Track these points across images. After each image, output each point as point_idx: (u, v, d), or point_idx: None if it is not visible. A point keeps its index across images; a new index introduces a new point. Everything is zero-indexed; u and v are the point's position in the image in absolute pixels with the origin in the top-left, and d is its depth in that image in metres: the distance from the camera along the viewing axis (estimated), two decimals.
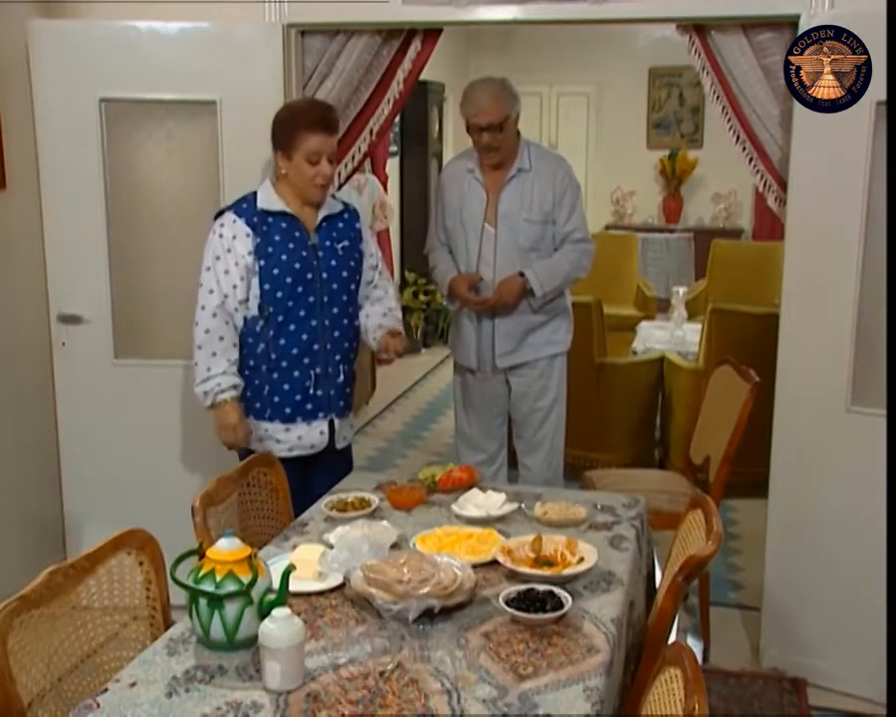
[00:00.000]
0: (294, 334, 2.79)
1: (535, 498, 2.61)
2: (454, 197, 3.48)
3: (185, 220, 3.54)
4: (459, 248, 3.49)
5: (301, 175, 2.78)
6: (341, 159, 3.52)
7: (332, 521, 2.48)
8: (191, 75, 3.38)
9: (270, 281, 2.76)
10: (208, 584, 1.78)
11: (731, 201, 9.40)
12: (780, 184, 3.25)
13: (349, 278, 2.88)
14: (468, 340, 3.54)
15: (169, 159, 3.55)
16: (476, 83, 3.39)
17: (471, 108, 3.33)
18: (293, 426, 2.86)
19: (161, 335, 3.66)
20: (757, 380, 3.19)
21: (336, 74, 3.43)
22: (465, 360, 3.57)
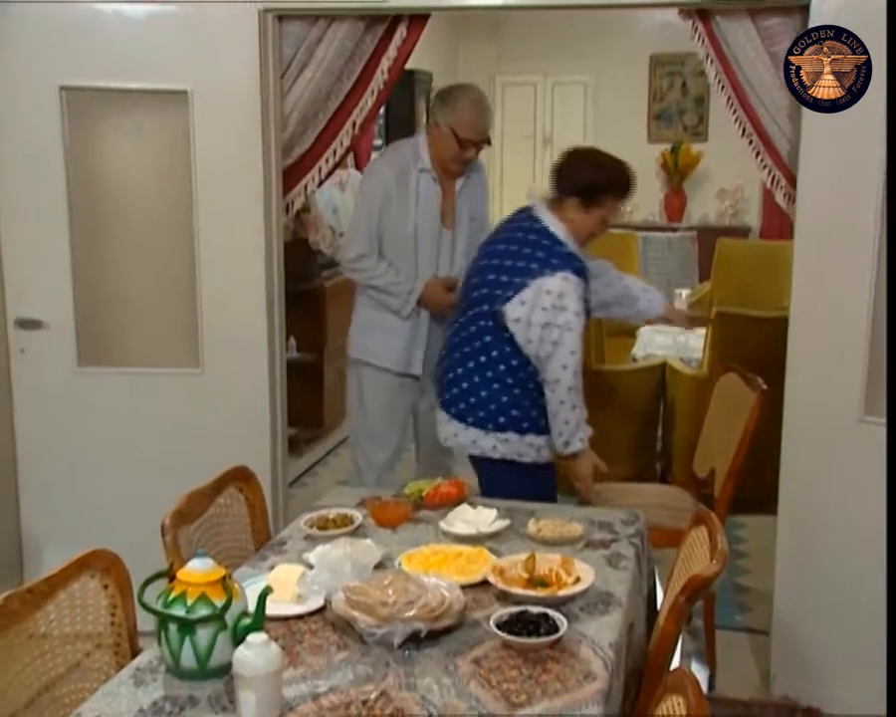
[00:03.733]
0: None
1: (528, 514, 2.62)
2: (403, 198, 3.46)
3: (155, 218, 3.54)
4: (406, 254, 3.50)
5: (590, 231, 3.02)
6: (322, 154, 3.53)
7: (311, 539, 2.48)
8: (160, 62, 3.38)
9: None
10: (179, 608, 1.78)
11: (737, 198, 9.44)
12: (788, 179, 3.27)
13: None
14: (396, 342, 3.56)
15: (137, 153, 3.54)
16: (469, 96, 3.44)
17: (470, 127, 3.42)
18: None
19: (129, 340, 3.66)
20: (764, 388, 3.20)
21: (315, 62, 3.43)
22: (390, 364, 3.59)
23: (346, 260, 3.57)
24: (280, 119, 3.45)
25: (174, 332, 3.63)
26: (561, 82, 9.88)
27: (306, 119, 3.50)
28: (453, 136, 3.43)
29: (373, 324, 3.59)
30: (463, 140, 3.43)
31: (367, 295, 3.60)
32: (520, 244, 2.98)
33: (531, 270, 2.90)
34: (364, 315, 3.63)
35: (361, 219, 3.51)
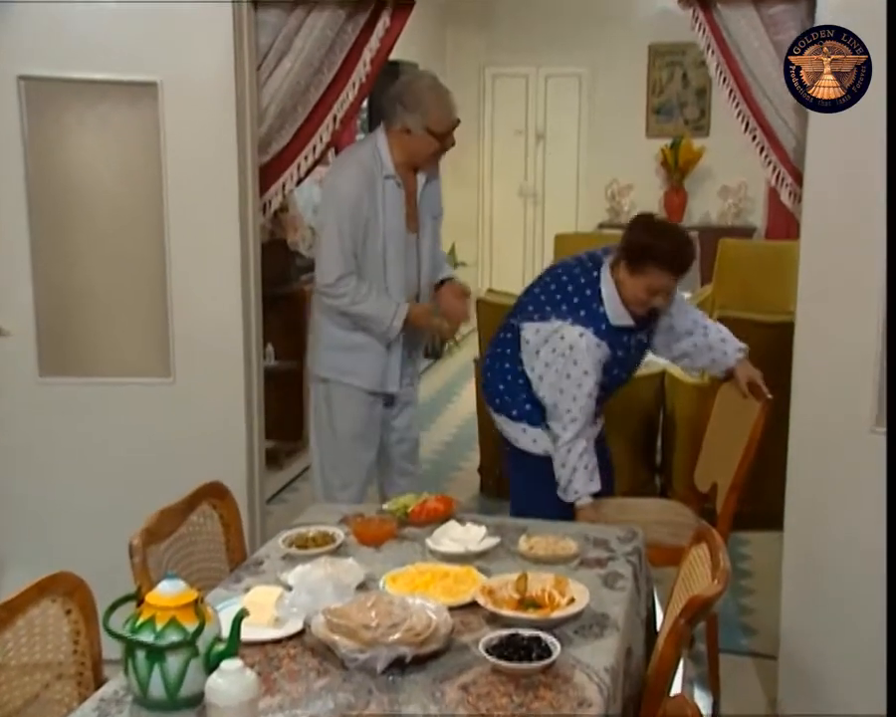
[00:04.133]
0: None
1: (519, 531, 2.63)
2: (373, 209, 3.47)
3: (122, 217, 3.53)
4: (375, 266, 3.51)
5: (636, 296, 3.15)
6: (301, 150, 3.53)
7: (290, 559, 2.47)
8: (127, 52, 3.37)
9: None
10: (147, 633, 1.78)
11: (741, 196, 9.47)
12: (794, 177, 3.29)
13: (645, 357, 3.44)
14: (369, 359, 3.58)
15: (103, 149, 3.53)
16: (430, 89, 3.48)
17: (444, 119, 3.45)
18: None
19: (94, 348, 3.65)
20: (768, 398, 3.21)
21: (294, 53, 3.43)
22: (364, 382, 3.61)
23: (325, 286, 3.50)
24: (256, 114, 3.45)
25: (143, 339, 3.62)
26: (555, 74, 9.90)
27: (284, 114, 3.51)
28: (431, 136, 3.45)
29: (340, 342, 3.60)
30: (441, 135, 3.47)
31: (328, 310, 3.58)
32: (572, 282, 3.23)
33: (561, 310, 3.18)
34: (329, 331, 3.62)
35: (334, 239, 3.45)
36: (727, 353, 3.38)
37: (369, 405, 3.66)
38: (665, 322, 3.36)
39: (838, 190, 3.06)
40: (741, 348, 3.39)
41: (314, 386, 3.74)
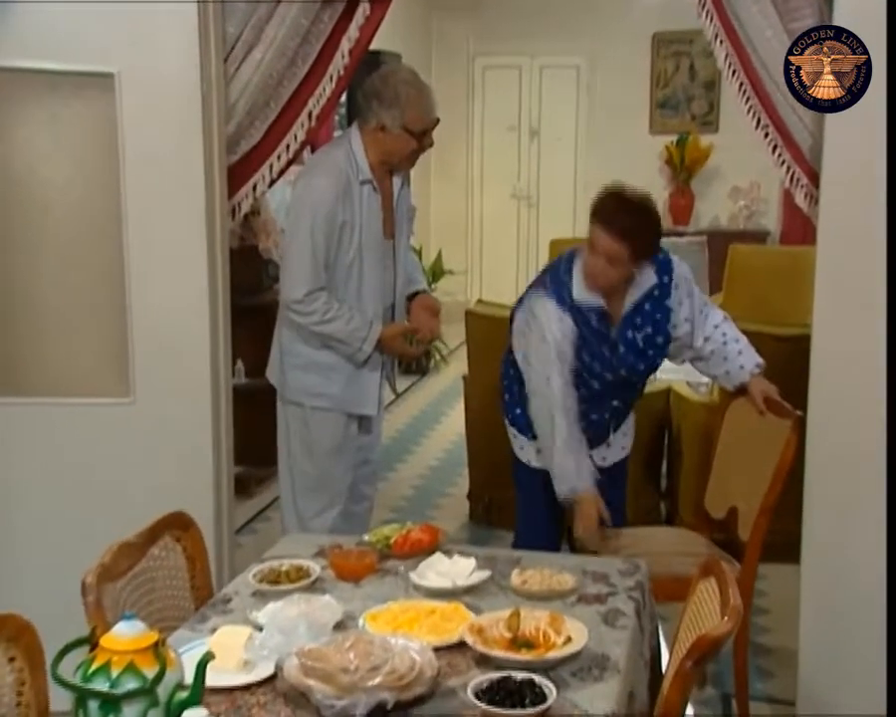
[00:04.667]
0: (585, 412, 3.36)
1: (512, 564, 2.62)
2: (349, 217, 3.48)
3: (76, 222, 3.52)
4: (348, 278, 3.52)
5: (586, 264, 3.28)
6: (273, 149, 3.54)
7: (261, 596, 2.47)
8: (80, 39, 3.36)
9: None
10: (101, 681, 1.76)
11: (753, 197, 9.52)
12: (810, 178, 3.31)
13: (650, 366, 3.45)
14: (340, 380, 3.60)
15: (54, 146, 3.51)
16: (409, 83, 3.49)
17: (423, 117, 3.49)
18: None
19: (44, 365, 3.63)
20: (798, 415, 3.22)
21: (265, 43, 3.44)
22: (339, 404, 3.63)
23: (292, 301, 3.48)
24: (224, 109, 3.46)
25: (100, 355, 3.60)
26: (550, 64, 9.95)
27: (254, 109, 3.51)
28: (409, 135, 3.47)
29: (309, 361, 3.61)
30: (420, 135, 3.49)
31: (297, 327, 3.58)
32: (555, 261, 3.46)
33: (536, 284, 3.41)
34: (296, 350, 3.62)
35: (305, 251, 3.45)
36: (743, 366, 3.40)
37: (345, 424, 3.68)
38: (684, 328, 3.41)
39: (858, 192, 3.08)
40: (758, 363, 3.40)
41: (282, 409, 3.73)
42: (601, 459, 3.52)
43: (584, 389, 3.37)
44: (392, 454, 6.52)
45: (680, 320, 3.40)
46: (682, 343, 3.44)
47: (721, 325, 3.44)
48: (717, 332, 3.43)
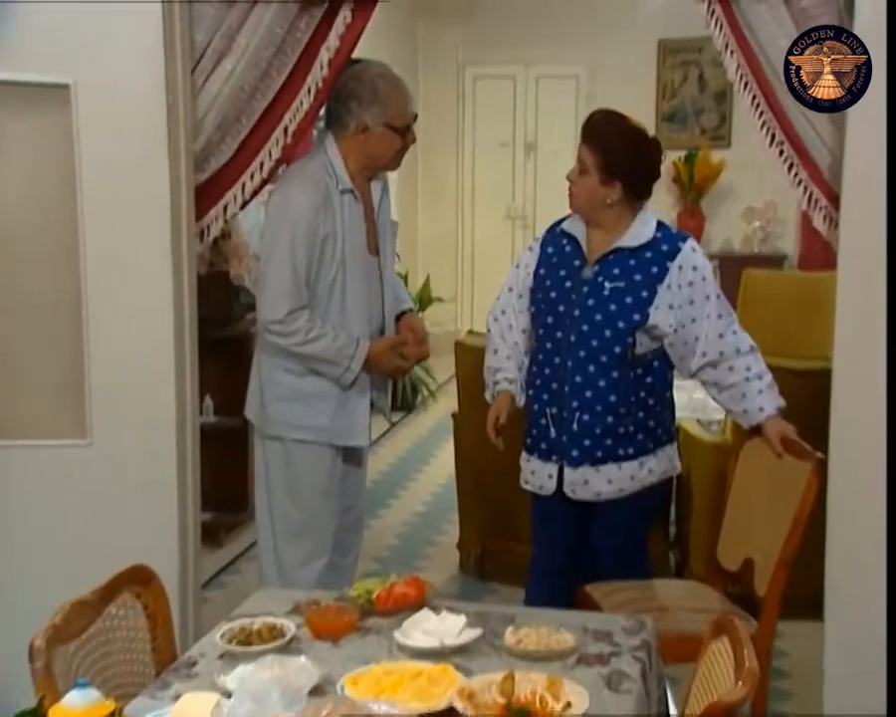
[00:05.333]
0: (540, 365, 3.52)
1: (506, 621, 2.61)
2: (330, 230, 3.51)
3: (28, 247, 3.51)
4: (329, 298, 3.54)
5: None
6: (245, 168, 3.55)
7: (230, 658, 2.46)
8: (34, 47, 3.37)
9: (535, 303, 3.56)
10: None
11: (769, 218, 9.54)
12: (829, 199, 3.34)
13: (608, 322, 3.40)
14: (328, 408, 3.62)
15: (4, 163, 3.52)
16: (384, 77, 3.58)
17: (403, 111, 3.57)
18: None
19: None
20: (819, 457, 3.23)
21: (236, 53, 3.46)
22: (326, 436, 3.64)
23: (273, 322, 3.51)
24: (191, 124, 3.47)
25: (53, 392, 3.59)
26: (547, 74, 9.99)
27: (225, 124, 3.53)
28: (392, 132, 3.54)
29: (293, 391, 3.61)
30: (403, 130, 3.57)
31: (279, 354, 3.59)
32: None
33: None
34: (278, 379, 3.63)
35: (284, 267, 3.48)
36: (762, 409, 3.38)
37: (332, 459, 3.67)
38: (667, 319, 3.40)
39: (881, 214, 3.10)
40: (779, 406, 3.39)
41: (261, 446, 3.73)
42: (579, 481, 3.49)
43: (548, 343, 3.50)
44: (375, 499, 6.50)
45: (665, 304, 3.39)
46: (674, 342, 3.43)
47: (747, 355, 3.42)
48: (741, 361, 3.41)
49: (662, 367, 3.50)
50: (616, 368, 3.41)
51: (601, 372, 3.42)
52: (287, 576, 3.65)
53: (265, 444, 3.71)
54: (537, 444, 3.57)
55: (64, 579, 3.16)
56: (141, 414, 3.51)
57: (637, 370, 3.44)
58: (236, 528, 5.70)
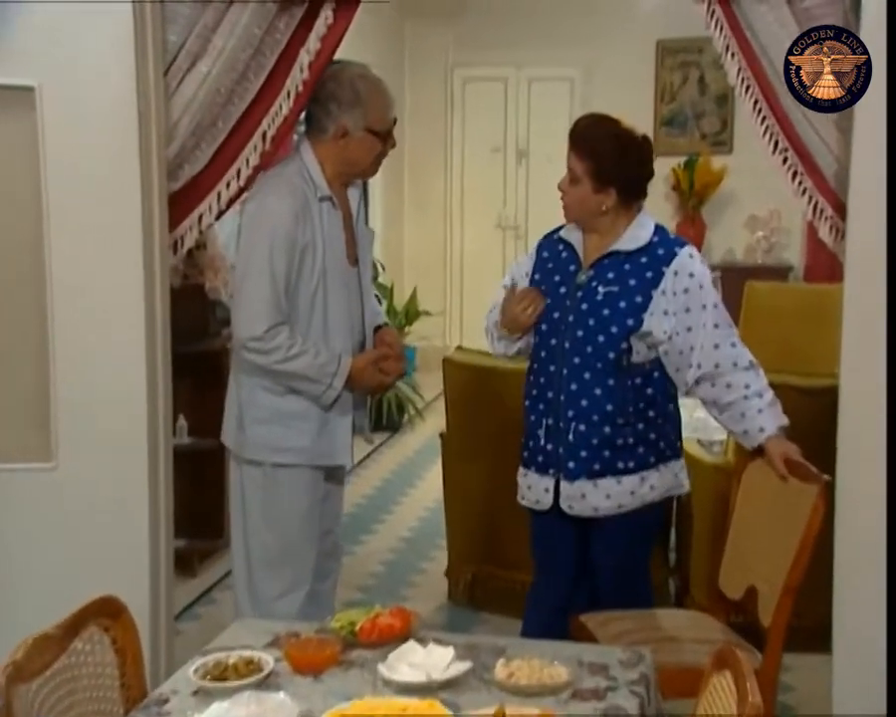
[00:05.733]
0: (536, 374, 3.59)
1: (496, 653, 2.61)
2: (310, 240, 3.49)
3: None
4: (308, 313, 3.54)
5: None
6: (221, 176, 3.55)
7: (204, 694, 2.45)
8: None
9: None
10: None
11: (773, 227, 9.56)
12: (836, 209, 3.35)
13: (601, 327, 3.44)
14: (310, 428, 3.61)
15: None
16: (364, 79, 3.57)
17: (385, 115, 3.58)
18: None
19: None
20: (825, 480, 3.23)
21: (212, 54, 3.47)
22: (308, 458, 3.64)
23: (251, 339, 3.47)
24: (164, 129, 3.47)
25: (16, 412, 3.59)
26: (540, 76, 10.02)
27: (200, 130, 3.53)
28: (373, 136, 3.54)
29: (273, 412, 3.59)
30: (384, 135, 3.57)
31: (257, 373, 3.57)
32: None
33: None
34: (257, 400, 3.61)
35: (263, 280, 3.45)
36: (763, 429, 3.38)
37: (314, 485, 3.67)
38: (661, 326, 3.42)
39: (889, 224, 3.10)
40: (781, 425, 3.40)
41: (237, 471, 3.71)
42: (576, 495, 3.51)
43: (543, 351, 3.55)
44: (359, 524, 6.49)
45: (659, 310, 3.41)
46: (669, 350, 3.44)
47: (746, 371, 3.42)
48: (739, 377, 3.41)
49: (663, 378, 3.51)
50: (612, 376, 3.43)
51: (597, 380, 3.44)
52: (264, 610, 3.61)
53: (241, 469, 3.68)
54: (533, 457, 3.59)
55: (26, 611, 3.15)
56: (110, 435, 3.50)
57: (636, 380, 3.45)
58: (211, 556, 5.68)
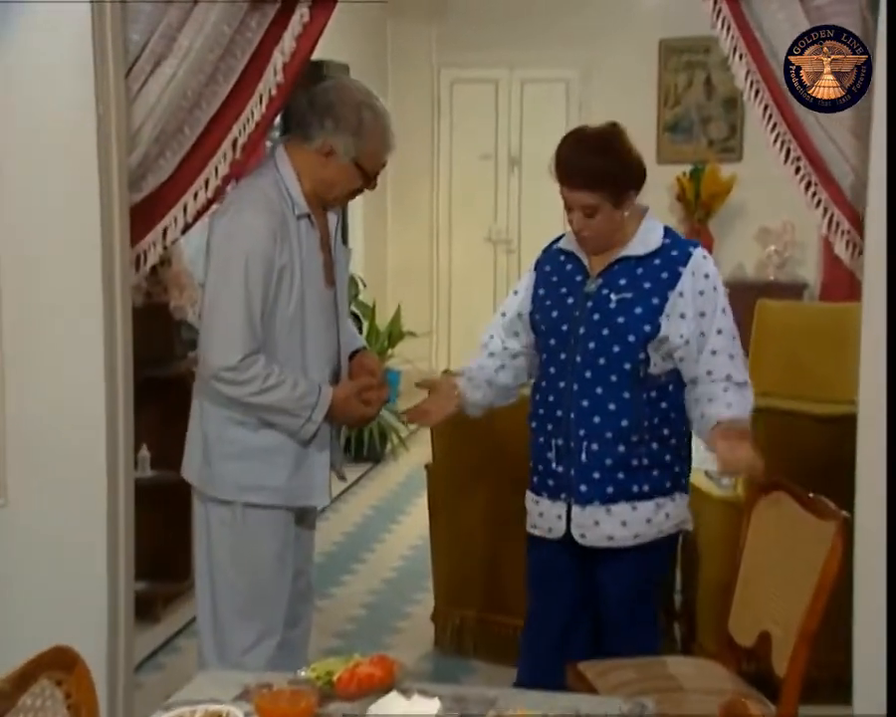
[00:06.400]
0: (544, 392, 3.60)
1: (487, 705, 2.60)
2: (288, 260, 3.47)
3: None
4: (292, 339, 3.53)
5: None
6: (188, 186, 3.54)
7: None
8: None
9: (536, 326, 3.66)
10: None
11: (787, 240, 9.56)
12: (853, 222, 3.35)
13: (617, 336, 3.46)
14: (285, 463, 3.59)
15: None
16: (374, 106, 3.51)
17: (380, 156, 3.55)
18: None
19: None
20: (843, 516, 3.22)
21: (177, 54, 3.47)
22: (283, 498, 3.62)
23: (223, 369, 3.43)
24: (125, 136, 3.48)
25: None
26: (534, 78, 10.04)
27: (164, 136, 3.54)
28: (358, 171, 3.49)
29: (244, 447, 3.57)
30: (370, 173, 3.53)
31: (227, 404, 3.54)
32: None
33: None
34: (226, 435, 3.58)
35: (237, 306, 3.41)
36: (731, 405, 3.45)
37: (287, 524, 3.65)
38: (678, 331, 3.46)
39: None
40: (733, 414, 3.43)
41: (203, 510, 3.68)
42: (588, 523, 3.54)
43: (552, 367, 3.57)
44: (337, 565, 6.48)
45: (676, 313, 3.45)
46: (685, 356, 3.48)
47: (718, 378, 3.48)
48: (707, 360, 3.49)
49: (677, 391, 3.55)
50: (627, 389, 3.47)
51: (611, 394, 3.47)
52: (231, 660, 3.58)
53: (208, 508, 3.64)
54: (544, 482, 3.62)
55: None
56: (66, 469, 3.50)
57: (651, 393, 3.49)
58: (176, 600, 5.65)
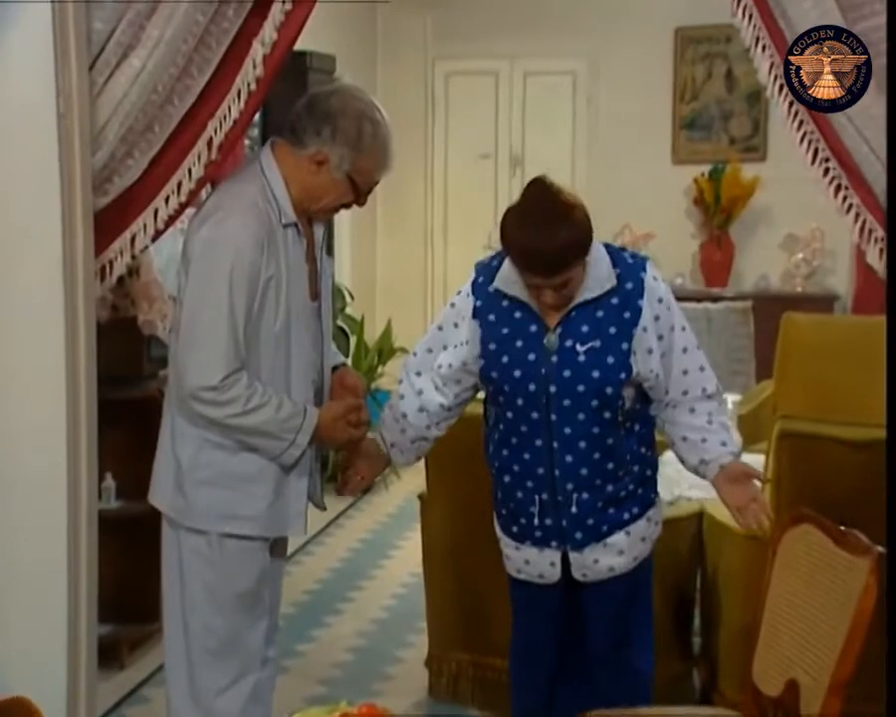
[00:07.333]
0: (515, 449, 3.65)
1: None
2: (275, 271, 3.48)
3: None
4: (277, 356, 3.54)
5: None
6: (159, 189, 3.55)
7: None
8: None
9: (494, 384, 3.64)
10: None
11: (815, 248, 9.51)
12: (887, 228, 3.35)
13: (593, 391, 3.50)
14: (263, 492, 3.61)
15: None
16: (375, 120, 3.52)
17: (376, 173, 3.57)
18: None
19: None
20: (878, 551, 3.22)
21: (147, 45, 3.48)
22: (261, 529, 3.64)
23: (205, 388, 3.43)
24: (88, 135, 3.48)
25: None
26: (538, 70, 10.04)
27: (132, 135, 3.54)
28: (349, 185, 3.51)
29: (220, 471, 3.57)
30: (362, 190, 3.55)
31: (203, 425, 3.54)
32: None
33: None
34: (201, 459, 3.58)
35: (220, 320, 3.41)
36: (725, 443, 3.59)
37: (264, 555, 3.67)
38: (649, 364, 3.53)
39: None
40: (733, 452, 3.57)
41: (175, 540, 3.68)
42: (587, 563, 3.64)
43: (522, 426, 3.59)
44: (323, 604, 6.46)
45: (642, 349, 3.50)
46: (654, 385, 3.57)
47: (710, 400, 3.60)
48: (697, 406, 3.60)
49: (644, 409, 3.66)
50: (610, 435, 3.56)
51: (594, 445, 3.55)
52: (204, 707, 3.59)
53: (180, 539, 3.64)
54: (527, 533, 3.68)
55: None
56: (22, 502, 3.51)
57: (626, 425, 3.60)
58: (143, 644, 5.64)
